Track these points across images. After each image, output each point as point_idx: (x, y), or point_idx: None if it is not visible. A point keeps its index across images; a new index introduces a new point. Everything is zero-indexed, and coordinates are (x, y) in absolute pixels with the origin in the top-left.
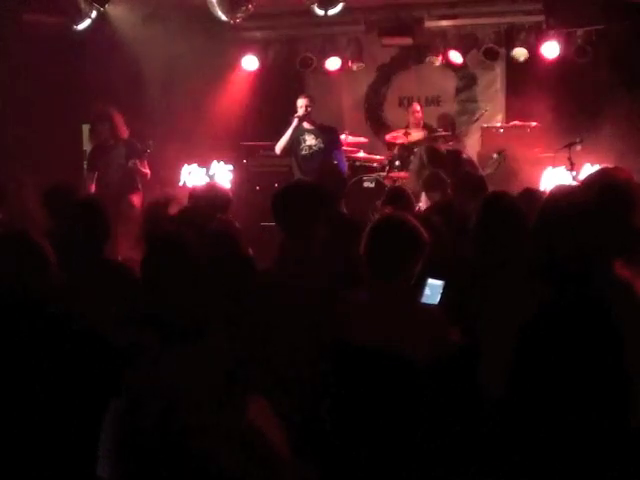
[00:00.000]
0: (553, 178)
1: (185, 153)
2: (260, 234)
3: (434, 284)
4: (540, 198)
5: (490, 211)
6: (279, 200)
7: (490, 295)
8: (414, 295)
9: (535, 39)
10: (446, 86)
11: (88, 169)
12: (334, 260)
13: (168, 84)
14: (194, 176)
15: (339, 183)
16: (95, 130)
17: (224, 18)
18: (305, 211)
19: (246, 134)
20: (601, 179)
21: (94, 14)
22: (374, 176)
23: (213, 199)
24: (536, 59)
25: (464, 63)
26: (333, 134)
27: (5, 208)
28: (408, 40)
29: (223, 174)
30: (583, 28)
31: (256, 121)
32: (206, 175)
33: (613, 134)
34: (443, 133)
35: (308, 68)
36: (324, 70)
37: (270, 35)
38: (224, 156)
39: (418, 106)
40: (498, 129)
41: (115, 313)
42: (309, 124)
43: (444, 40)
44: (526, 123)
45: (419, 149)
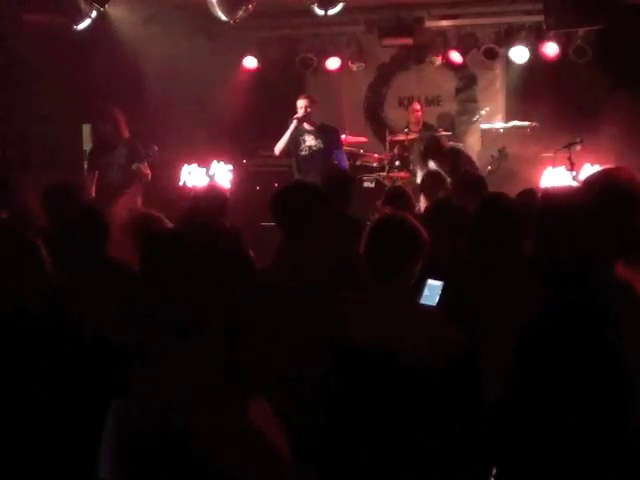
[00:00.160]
0: (553, 178)
1: (185, 153)
2: (260, 234)
3: (433, 285)
4: (539, 198)
5: (489, 211)
6: (279, 200)
7: (489, 295)
8: (414, 295)
9: (535, 39)
10: (446, 86)
11: (88, 169)
12: (334, 260)
13: (168, 84)
14: (194, 176)
15: (344, 185)
16: (97, 129)
17: (224, 18)
18: (305, 211)
19: (246, 134)
20: (602, 179)
21: (94, 14)
22: (374, 176)
23: (211, 200)
24: (536, 59)
25: (464, 63)
26: (333, 134)
27: (9, 207)
28: (408, 40)
29: (223, 174)
30: (583, 28)
31: (256, 121)
32: (206, 175)
33: (613, 134)
34: (443, 133)
35: (308, 68)
36: (324, 70)
37: (270, 35)
38: (224, 156)
39: (418, 106)
40: (498, 129)
41: (116, 312)
42: (309, 124)
43: (444, 40)
44: (526, 123)
45: (417, 140)
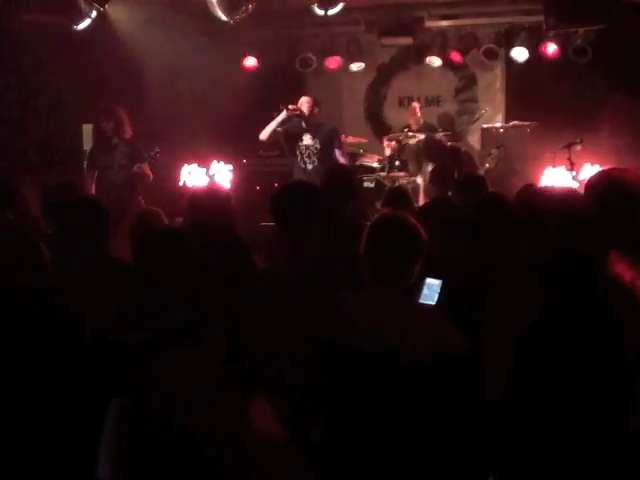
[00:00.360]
0: (553, 178)
1: (185, 153)
2: (260, 234)
3: (432, 283)
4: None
5: (488, 211)
6: (278, 200)
7: (489, 295)
8: (414, 295)
9: (535, 39)
10: (446, 86)
11: (88, 168)
12: (334, 260)
13: (168, 84)
14: (194, 176)
15: (344, 184)
16: (100, 127)
17: (224, 18)
18: (304, 211)
19: (246, 134)
20: (604, 179)
21: (94, 14)
22: (374, 176)
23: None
24: (536, 59)
25: (464, 63)
26: (332, 134)
27: (13, 208)
28: (408, 40)
29: (223, 174)
30: (583, 28)
31: (256, 121)
32: (206, 175)
33: (613, 134)
34: (443, 133)
35: (308, 68)
36: (324, 70)
37: (270, 35)
38: (224, 156)
39: (418, 106)
40: (498, 129)
41: (116, 312)
42: (307, 124)
43: (444, 40)
44: (526, 123)
45: (417, 141)
